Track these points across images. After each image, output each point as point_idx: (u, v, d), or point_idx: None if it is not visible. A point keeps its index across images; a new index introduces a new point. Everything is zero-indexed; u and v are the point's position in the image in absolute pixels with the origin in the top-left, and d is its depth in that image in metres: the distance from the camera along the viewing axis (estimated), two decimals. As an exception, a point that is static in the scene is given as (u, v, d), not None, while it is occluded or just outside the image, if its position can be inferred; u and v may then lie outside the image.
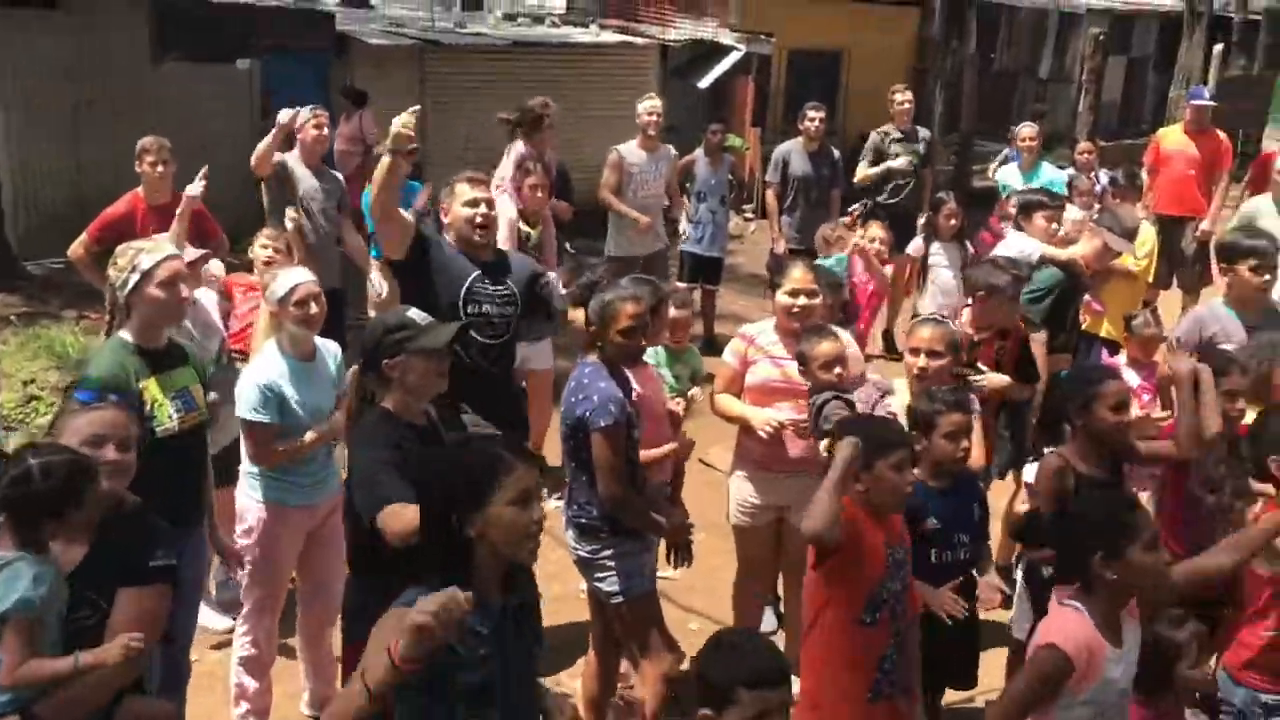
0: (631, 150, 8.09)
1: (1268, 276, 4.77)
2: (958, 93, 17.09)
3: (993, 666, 4.20)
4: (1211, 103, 8.97)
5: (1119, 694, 2.99)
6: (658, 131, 8.06)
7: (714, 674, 2.47)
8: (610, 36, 14.59)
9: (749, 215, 13.82)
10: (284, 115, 6.42)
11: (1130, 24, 22.34)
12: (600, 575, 4.02)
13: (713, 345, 7.94)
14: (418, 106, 4.28)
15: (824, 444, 3.73)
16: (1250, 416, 4.02)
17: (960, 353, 4.31)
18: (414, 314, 3.62)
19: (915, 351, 4.22)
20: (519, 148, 6.76)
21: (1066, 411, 3.85)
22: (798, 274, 4.45)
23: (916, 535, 3.60)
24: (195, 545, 3.90)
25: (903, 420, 3.89)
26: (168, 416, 3.68)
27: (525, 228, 6.44)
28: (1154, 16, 22.70)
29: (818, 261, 6.65)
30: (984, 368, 4.73)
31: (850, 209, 8.69)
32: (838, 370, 4.14)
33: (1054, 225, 6.14)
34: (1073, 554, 3.02)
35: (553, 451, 4.90)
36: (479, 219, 4.53)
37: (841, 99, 15.84)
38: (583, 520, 4.01)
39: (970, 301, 5.10)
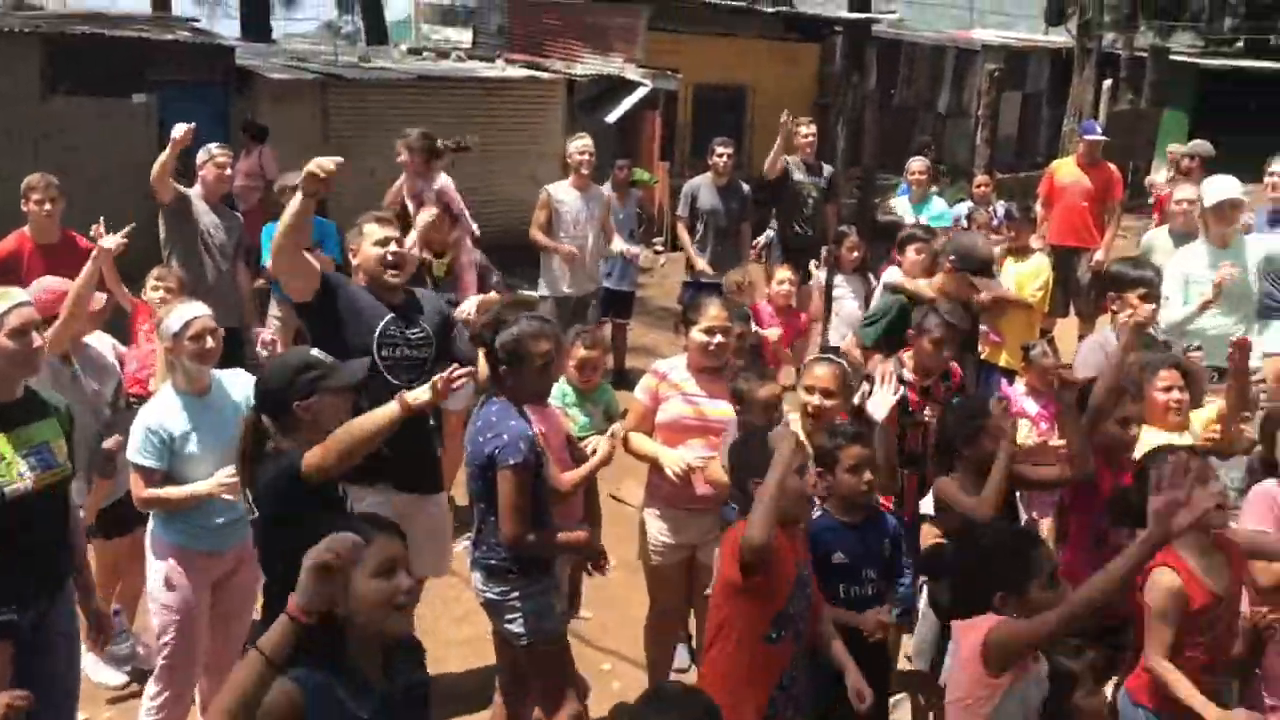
0: (562, 189, 8.07)
1: (1153, 306, 4.94)
2: (860, 128, 17.42)
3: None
4: (1103, 137, 9.25)
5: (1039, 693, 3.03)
6: (590, 170, 8.02)
7: None
8: (516, 71, 14.59)
9: (659, 248, 13.89)
10: (178, 130, 6.06)
11: (1024, 60, 23.09)
12: (509, 618, 3.94)
13: (624, 379, 7.93)
14: (341, 159, 4.20)
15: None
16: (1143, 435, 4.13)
17: (852, 393, 4.30)
18: (316, 353, 3.54)
19: (810, 390, 4.25)
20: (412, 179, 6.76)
21: (954, 442, 3.92)
22: (714, 311, 4.44)
23: (825, 570, 3.60)
24: (67, 600, 3.71)
25: None
26: (17, 475, 3.41)
27: (429, 256, 6.37)
28: (1046, 53, 23.49)
29: None
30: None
31: (755, 241, 8.79)
32: (775, 415, 4.16)
33: (923, 258, 6.16)
34: (974, 589, 3.05)
35: (463, 492, 4.82)
36: (389, 258, 4.43)
37: (747, 134, 16.06)
38: (491, 561, 3.93)
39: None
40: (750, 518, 3.17)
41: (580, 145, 7.97)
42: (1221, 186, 5.75)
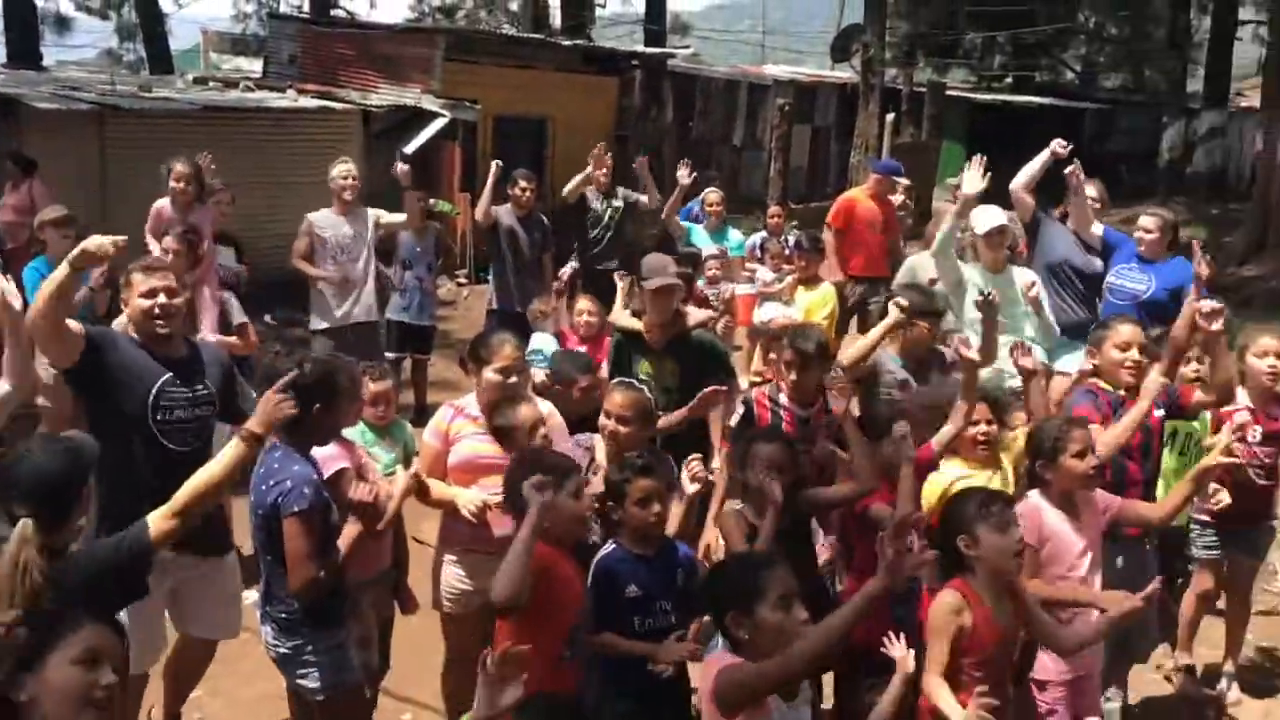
0: (324, 217, 7.92)
1: (934, 331, 5.18)
2: (659, 160, 17.74)
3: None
4: (902, 180, 9.56)
5: None
6: (355, 196, 7.89)
7: None
8: (309, 102, 14.21)
9: (462, 281, 13.73)
10: None
11: (813, 95, 24.01)
12: (301, 672, 3.79)
13: (425, 416, 7.75)
14: (124, 238, 3.94)
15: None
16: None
17: (653, 421, 4.31)
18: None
19: (608, 414, 4.27)
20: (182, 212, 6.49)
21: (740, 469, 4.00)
22: (509, 351, 4.39)
23: (619, 603, 3.59)
24: None
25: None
26: None
27: None
28: (833, 88, 24.49)
29: (536, 340, 6.66)
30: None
31: (560, 273, 8.77)
32: (543, 433, 4.13)
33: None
34: (709, 609, 3.14)
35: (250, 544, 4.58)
36: (158, 310, 4.15)
37: (548, 165, 16.11)
38: (281, 615, 3.77)
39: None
40: (500, 573, 3.14)
41: (342, 170, 7.87)
42: (989, 216, 6.08)
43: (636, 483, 3.65)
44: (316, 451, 3.91)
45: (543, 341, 6.75)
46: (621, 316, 5.84)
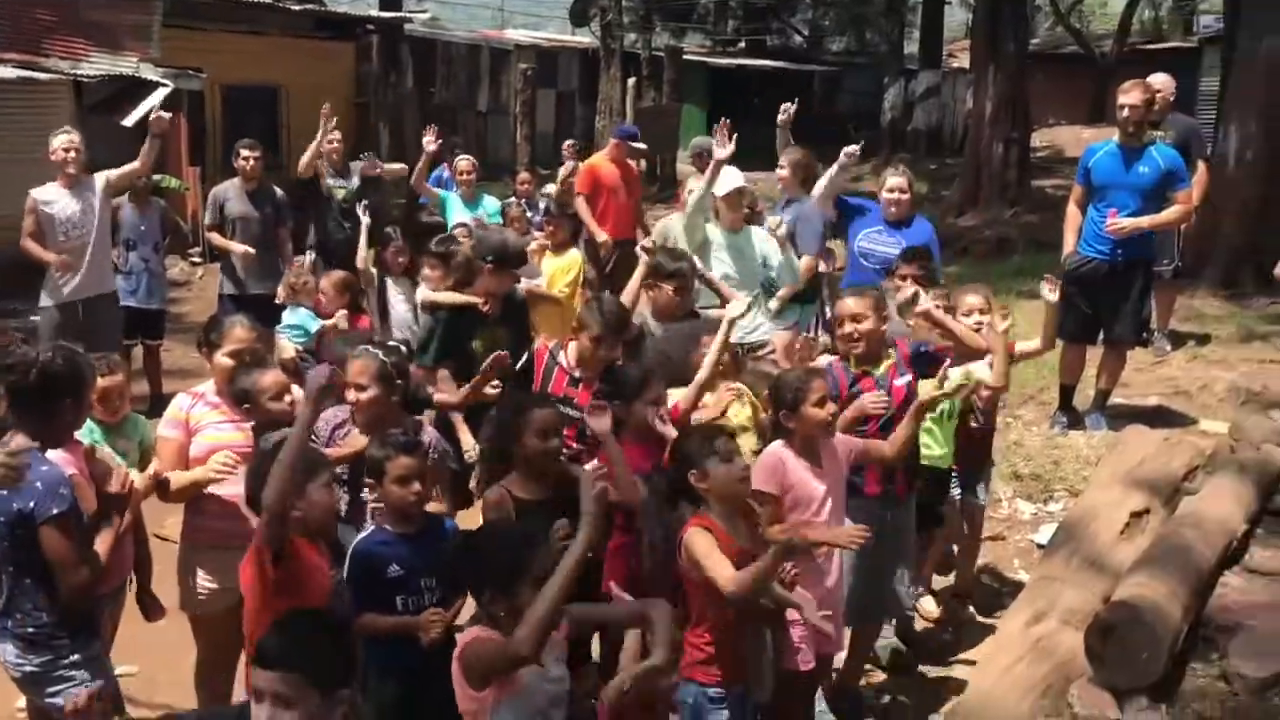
0: (49, 190, 7.31)
1: (685, 296, 5.28)
2: (400, 126, 17.34)
3: None
4: (639, 145, 9.65)
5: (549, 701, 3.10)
6: (79, 168, 7.30)
7: None
8: (8, 72, 13.02)
9: (196, 260, 13.01)
10: None
11: (555, 59, 24.06)
12: (54, 690, 3.53)
13: (161, 405, 7.30)
14: None
15: None
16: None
17: (394, 384, 4.21)
18: None
19: (348, 385, 4.16)
20: None
21: (504, 440, 3.96)
22: (240, 332, 4.21)
23: (381, 584, 3.53)
24: None
25: None
26: None
27: None
28: (575, 52, 24.62)
29: (291, 316, 6.44)
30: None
31: (298, 259, 8.41)
32: (289, 400, 4.02)
33: (439, 273, 6.17)
34: (471, 588, 3.13)
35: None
36: None
37: (283, 134, 15.45)
38: (29, 630, 3.50)
39: None
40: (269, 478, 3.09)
41: (64, 141, 7.28)
42: (728, 179, 6.26)
43: (397, 460, 3.58)
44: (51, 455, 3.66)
45: (300, 317, 6.51)
46: (442, 295, 5.89)
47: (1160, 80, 8.01)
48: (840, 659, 4.56)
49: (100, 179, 7.49)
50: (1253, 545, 4.99)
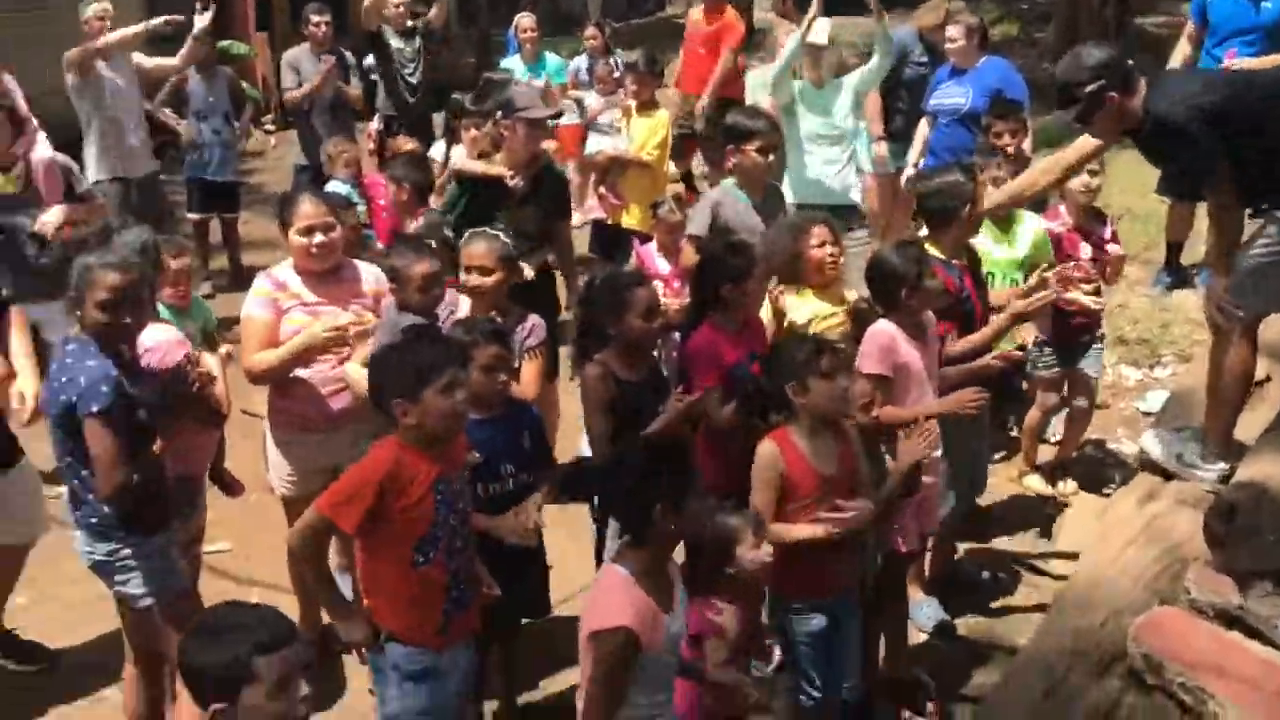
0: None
1: (771, 157, 4.93)
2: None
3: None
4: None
5: (667, 665, 2.98)
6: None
7: (215, 658, 2.25)
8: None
9: (270, 128, 12.85)
10: None
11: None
12: (120, 579, 3.56)
13: (242, 279, 7.27)
14: None
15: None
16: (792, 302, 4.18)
17: (516, 267, 4.16)
18: None
19: (468, 269, 4.09)
20: None
21: (602, 320, 3.78)
22: (308, 208, 3.99)
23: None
24: None
25: None
26: None
27: None
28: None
29: (330, 186, 6.22)
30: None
31: (366, 127, 8.20)
32: (435, 293, 3.95)
33: (475, 133, 5.94)
34: (630, 505, 2.95)
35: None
36: None
37: (350, -2, 15.08)
38: (93, 521, 3.51)
39: None
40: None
41: (96, 10, 6.95)
42: (815, 31, 5.87)
43: (485, 348, 3.46)
44: (153, 337, 3.71)
45: (339, 188, 6.23)
46: (471, 163, 5.58)
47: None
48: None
49: (132, 59, 7.22)
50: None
